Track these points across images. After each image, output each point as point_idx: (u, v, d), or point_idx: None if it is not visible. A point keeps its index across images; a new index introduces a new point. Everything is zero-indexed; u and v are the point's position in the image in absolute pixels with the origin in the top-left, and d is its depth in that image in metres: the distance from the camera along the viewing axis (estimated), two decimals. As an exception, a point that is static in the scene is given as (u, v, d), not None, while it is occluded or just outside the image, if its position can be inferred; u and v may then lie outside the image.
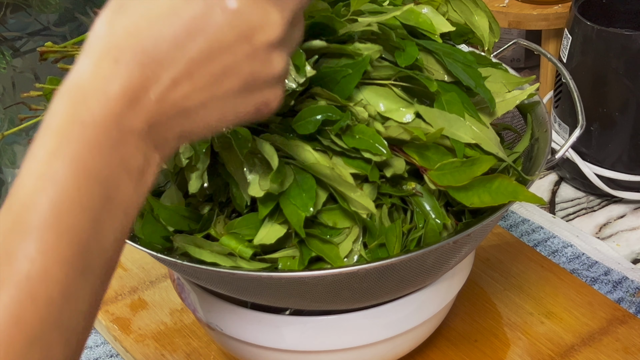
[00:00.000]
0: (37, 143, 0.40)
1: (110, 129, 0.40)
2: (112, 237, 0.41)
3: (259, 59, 0.43)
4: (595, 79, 0.91)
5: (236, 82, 0.43)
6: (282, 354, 0.68)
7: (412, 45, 0.60)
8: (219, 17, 0.41)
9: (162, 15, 0.41)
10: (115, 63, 0.40)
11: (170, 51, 0.41)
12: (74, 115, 0.40)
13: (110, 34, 0.41)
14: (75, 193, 0.39)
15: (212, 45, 0.41)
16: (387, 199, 0.62)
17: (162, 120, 0.42)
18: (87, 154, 0.40)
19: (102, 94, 0.40)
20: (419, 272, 0.62)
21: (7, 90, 1.48)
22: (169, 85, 0.41)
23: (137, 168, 0.42)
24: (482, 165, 0.59)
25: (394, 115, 0.60)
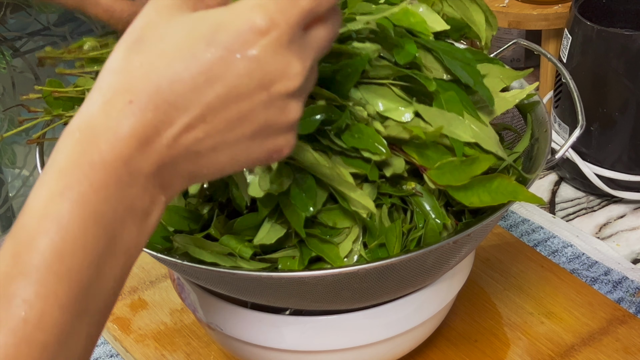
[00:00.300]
0: (43, 181, 0.40)
1: (118, 170, 0.39)
2: (112, 279, 0.40)
3: (275, 107, 0.42)
4: (595, 79, 0.91)
5: (250, 129, 0.42)
6: (282, 354, 0.68)
7: (411, 42, 0.60)
8: (239, 64, 0.40)
9: (181, 58, 0.40)
10: (129, 104, 0.39)
11: (187, 95, 0.40)
12: (82, 154, 0.39)
13: (125, 71, 0.40)
14: (79, 235, 0.39)
15: (230, 92, 0.40)
16: (387, 199, 0.62)
17: (171, 163, 0.41)
18: (93, 196, 0.39)
19: (113, 134, 0.39)
20: (419, 272, 0.62)
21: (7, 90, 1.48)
22: (182, 130, 0.40)
23: (143, 210, 0.41)
24: (482, 164, 0.59)
25: (393, 115, 0.60)
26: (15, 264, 0.38)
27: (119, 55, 0.41)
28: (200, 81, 0.40)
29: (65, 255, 0.38)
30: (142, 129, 0.39)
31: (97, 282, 0.40)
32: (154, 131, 0.40)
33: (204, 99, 0.40)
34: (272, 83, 0.41)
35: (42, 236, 0.38)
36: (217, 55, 0.39)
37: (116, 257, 0.40)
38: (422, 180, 0.62)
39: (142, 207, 0.41)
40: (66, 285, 0.38)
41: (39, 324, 0.37)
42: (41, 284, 0.38)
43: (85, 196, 0.39)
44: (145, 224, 0.42)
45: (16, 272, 0.38)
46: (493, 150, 0.61)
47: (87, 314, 0.39)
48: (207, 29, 0.40)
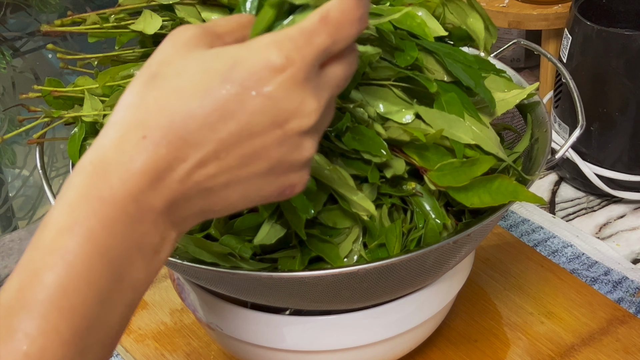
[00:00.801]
0: (52, 214, 0.39)
1: (128, 207, 0.39)
2: (117, 315, 0.40)
3: (289, 145, 0.41)
4: (595, 79, 0.91)
5: (263, 166, 0.41)
6: (282, 354, 0.68)
7: (412, 45, 0.60)
8: (254, 102, 0.40)
9: (196, 94, 0.39)
10: (142, 139, 0.39)
11: (200, 131, 0.39)
12: (92, 189, 0.39)
13: (140, 106, 0.40)
14: (85, 272, 0.38)
15: (244, 129, 0.40)
16: (387, 199, 0.62)
17: (183, 200, 0.41)
18: (101, 232, 0.38)
19: (125, 170, 0.39)
20: (419, 272, 0.62)
21: (7, 90, 1.48)
22: (195, 166, 0.40)
23: (152, 247, 0.41)
24: (482, 165, 0.59)
25: (393, 116, 0.60)
26: (20, 297, 0.38)
27: (135, 90, 0.41)
28: (214, 118, 0.39)
29: (70, 291, 0.38)
30: (155, 164, 0.39)
31: (102, 318, 0.39)
32: (167, 167, 0.39)
33: (217, 135, 0.40)
34: (287, 121, 0.40)
35: (48, 271, 0.38)
36: (231, 92, 0.39)
37: (122, 293, 0.40)
38: (422, 181, 0.62)
39: (151, 244, 0.40)
40: (69, 321, 0.38)
41: (40, 359, 0.37)
42: (44, 319, 0.37)
43: (93, 232, 0.38)
44: (154, 261, 0.41)
45: (20, 305, 0.38)
46: (493, 152, 0.61)
47: (91, 350, 0.39)
48: (222, 66, 0.40)
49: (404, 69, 0.60)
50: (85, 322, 0.38)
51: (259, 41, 0.40)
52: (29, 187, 1.59)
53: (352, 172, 0.59)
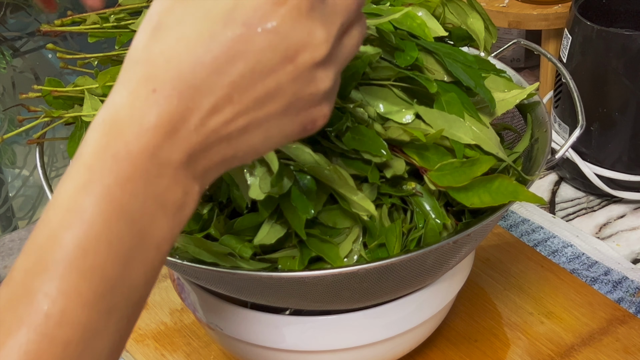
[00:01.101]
0: (67, 175, 0.39)
1: (145, 162, 0.38)
2: (142, 276, 0.39)
3: (303, 79, 0.40)
4: (595, 79, 0.91)
5: (280, 104, 0.40)
6: (282, 354, 0.68)
7: (412, 45, 0.60)
8: (260, 39, 0.39)
9: (201, 40, 0.38)
10: (152, 92, 0.38)
11: (210, 77, 0.39)
12: (107, 147, 0.38)
13: (146, 60, 0.39)
14: (104, 231, 0.38)
15: (254, 68, 0.39)
16: (387, 199, 0.62)
17: (202, 150, 0.40)
18: (118, 190, 0.38)
19: (139, 125, 0.38)
20: (419, 272, 0.62)
21: (7, 90, 1.48)
22: (209, 113, 0.39)
23: (175, 202, 0.40)
24: (482, 165, 0.59)
25: (393, 116, 0.60)
26: (38, 258, 0.37)
27: (139, 45, 0.40)
28: (222, 61, 0.38)
29: (89, 251, 0.37)
30: (168, 117, 0.38)
31: (125, 278, 0.38)
32: (181, 118, 0.39)
33: (228, 79, 0.39)
34: (297, 54, 0.39)
35: (65, 231, 0.37)
36: (236, 33, 0.38)
37: (145, 252, 0.39)
38: (422, 181, 0.62)
39: (173, 200, 0.40)
40: (90, 281, 0.37)
41: (61, 320, 0.37)
42: (63, 280, 0.37)
43: (110, 190, 0.38)
44: (178, 217, 0.40)
45: (39, 267, 0.37)
46: (493, 152, 0.61)
47: (116, 311, 0.38)
48: (224, 7, 0.39)
49: (403, 69, 0.60)
50: (108, 282, 0.38)
51: None
52: (29, 187, 1.59)
53: (352, 172, 0.59)
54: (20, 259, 0.38)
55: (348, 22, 0.42)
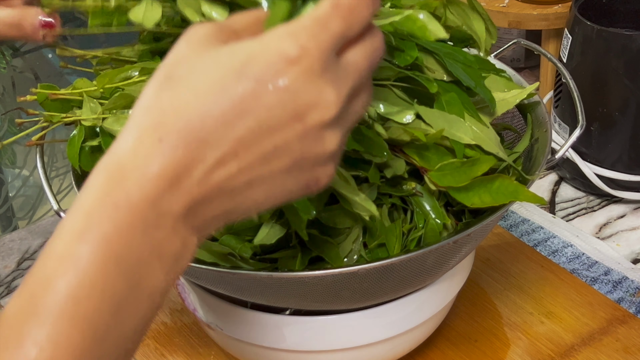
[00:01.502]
0: (66, 220, 0.38)
1: (145, 211, 0.38)
2: (133, 325, 0.39)
3: (310, 138, 0.40)
4: (595, 79, 0.91)
5: (285, 162, 0.40)
6: (282, 354, 0.68)
7: (412, 45, 0.60)
8: (271, 96, 0.38)
9: (211, 92, 0.38)
10: (158, 142, 0.38)
11: (218, 130, 0.38)
12: (108, 194, 0.38)
13: (155, 108, 0.39)
14: (98, 279, 0.37)
15: (262, 124, 0.38)
16: (387, 199, 0.62)
17: (203, 202, 0.39)
18: (116, 238, 0.37)
19: (142, 174, 0.38)
20: (419, 272, 0.62)
21: (7, 90, 1.48)
22: (214, 166, 0.38)
23: (172, 253, 0.39)
24: (482, 165, 0.59)
25: (394, 117, 0.60)
26: (30, 304, 0.37)
27: (150, 92, 0.40)
28: (231, 115, 0.38)
29: (82, 299, 0.37)
30: (172, 167, 0.38)
31: (116, 328, 0.38)
32: (184, 169, 0.38)
33: (235, 133, 0.38)
34: (306, 113, 0.39)
35: (59, 278, 0.37)
36: (248, 88, 0.38)
37: (138, 303, 0.39)
38: (422, 181, 0.62)
39: (171, 251, 0.39)
40: (81, 330, 0.37)
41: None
42: (54, 328, 0.36)
43: (108, 238, 0.37)
44: (174, 268, 0.40)
45: (30, 312, 0.37)
46: (494, 152, 0.61)
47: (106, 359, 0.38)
48: (237, 62, 0.39)
49: (403, 69, 0.60)
50: (98, 331, 0.37)
51: (272, 34, 0.39)
52: (29, 187, 1.59)
53: (352, 172, 0.59)
54: (13, 302, 0.38)
55: (358, 86, 0.42)
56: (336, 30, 0.39)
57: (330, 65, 0.39)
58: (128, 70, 0.64)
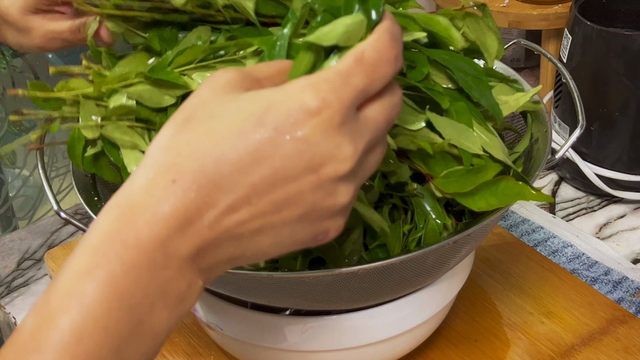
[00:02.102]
0: (74, 256, 0.38)
1: (154, 252, 0.38)
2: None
3: (323, 191, 0.40)
4: (595, 79, 0.91)
5: (297, 212, 0.40)
6: (282, 353, 0.68)
7: (424, 59, 0.60)
8: (288, 146, 0.38)
9: (228, 137, 0.38)
10: (172, 183, 0.38)
11: (232, 175, 0.38)
12: (117, 232, 0.38)
13: (171, 149, 0.39)
14: (102, 317, 0.37)
15: (277, 173, 0.39)
16: (387, 200, 0.62)
17: (212, 246, 0.39)
18: (122, 277, 0.37)
19: (153, 214, 0.38)
20: (419, 272, 0.62)
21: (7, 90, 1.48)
22: (225, 211, 0.39)
23: (177, 294, 0.39)
24: (489, 172, 0.59)
25: (404, 123, 0.59)
26: (33, 339, 0.37)
27: (168, 133, 0.40)
28: (246, 162, 0.38)
29: (85, 336, 0.37)
30: (184, 209, 0.38)
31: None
32: (196, 212, 0.38)
33: (249, 180, 0.38)
34: (322, 165, 0.39)
35: (64, 314, 0.37)
36: (265, 136, 0.38)
37: (141, 342, 0.39)
38: (423, 182, 0.62)
39: (176, 292, 0.39)
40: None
41: None
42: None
43: (114, 276, 0.37)
44: (178, 309, 0.40)
45: (32, 348, 0.37)
46: (502, 159, 0.61)
47: None
48: (257, 109, 0.39)
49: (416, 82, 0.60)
50: None
51: (294, 84, 0.39)
52: (29, 187, 1.59)
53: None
54: (15, 336, 0.38)
55: (375, 140, 0.42)
56: (358, 85, 0.40)
57: (349, 119, 0.40)
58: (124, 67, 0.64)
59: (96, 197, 0.67)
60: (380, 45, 0.40)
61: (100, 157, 0.65)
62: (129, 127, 0.62)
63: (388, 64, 0.41)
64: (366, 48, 0.40)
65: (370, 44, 0.40)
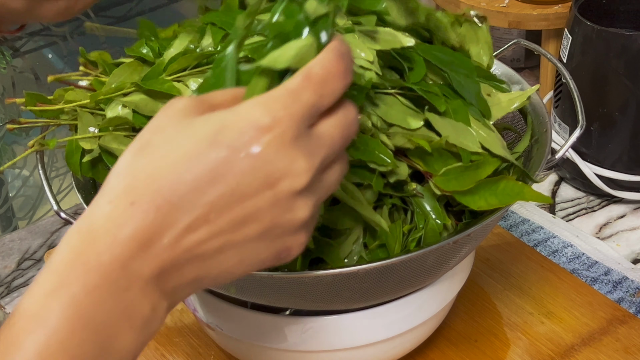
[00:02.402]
0: (38, 280, 0.39)
1: (115, 274, 0.38)
2: None
3: (281, 207, 0.41)
4: (595, 79, 0.91)
5: (256, 229, 0.41)
6: (282, 353, 0.68)
7: (420, 62, 0.60)
8: (243, 163, 0.39)
9: (184, 158, 0.39)
10: (130, 205, 0.39)
11: (189, 195, 0.39)
12: (78, 255, 0.39)
13: (129, 173, 0.40)
14: (66, 338, 0.37)
15: (233, 191, 0.39)
16: (387, 200, 0.62)
17: (174, 267, 0.40)
18: (84, 298, 0.38)
19: (112, 236, 0.38)
20: (419, 272, 0.62)
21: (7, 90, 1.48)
22: (184, 231, 0.39)
23: (141, 317, 0.40)
24: (487, 168, 0.59)
25: (401, 122, 0.60)
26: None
27: (125, 160, 0.41)
28: (203, 181, 0.39)
29: (50, 357, 0.37)
30: (143, 230, 0.39)
31: None
32: (155, 233, 0.39)
33: (206, 199, 0.39)
34: (277, 181, 0.40)
35: (27, 336, 0.37)
36: (220, 155, 0.39)
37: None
38: (422, 181, 0.62)
39: (140, 314, 0.40)
40: None
41: None
42: None
43: (76, 298, 0.38)
44: (144, 332, 0.40)
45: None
46: (501, 154, 0.61)
47: None
48: (210, 130, 0.40)
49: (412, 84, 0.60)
50: None
51: (245, 104, 0.40)
52: (29, 187, 1.59)
53: (356, 180, 0.59)
54: None
55: (331, 157, 0.42)
56: (308, 101, 0.40)
57: (302, 135, 0.40)
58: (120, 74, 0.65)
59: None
60: (327, 62, 0.41)
61: (97, 163, 0.65)
62: (125, 137, 0.62)
63: (336, 78, 0.41)
64: (313, 65, 0.41)
65: (317, 61, 0.41)
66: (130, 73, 0.65)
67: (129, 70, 0.65)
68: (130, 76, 0.64)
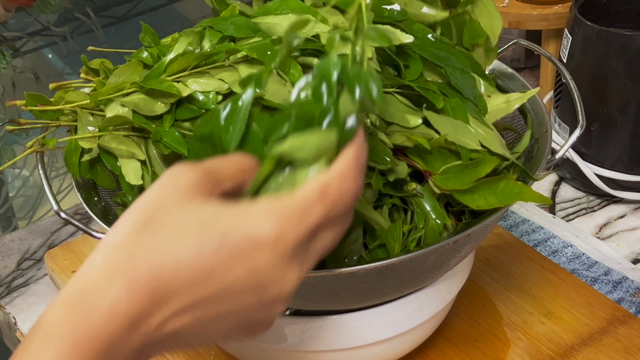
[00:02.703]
0: (25, 345, 0.40)
1: (100, 347, 0.39)
2: None
3: (262, 307, 0.43)
4: (595, 79, 0.91)
5: (234, 320, 0.43)
6: (282, 353, 0.68)
7: (417, 60, 0.60)
8: (241, 270, 0.41)
9: (188, 252, 0.40)
10: (129, 285, 0.40)
11: (184, 286, 0.41)
12: (68, 325, 0.39)
13: (131, 250, 0.41)
14: None
15: (225, 290, 0.41)
16: (387, 200, 0.62)
17: (154, 344, 0.42)
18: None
19: (108, 312, 0.40)
20: (419, 272, 0.63)
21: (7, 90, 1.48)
22: (172, 315, 0.41)
23: None
24: (486, 166, 0.59)
25: (399, 121, 0.60)
26: None
27: (127, 231, 0.41)
28: (200, 278, 0.41)
29: None
30: (135, 310, 0.40)
31: None
32: (146, 315, 0.40)
33: (198, 293, 0.41)
34: (267, 287, 0.42)
35: None
36: (222, 259, 0.41)
37: None
38: (422, 181, 0.62)
39: None
40: None
41: None
42: None
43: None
44: None
45: None
46: (500, 152, 0.61)
47: None
48: (217, 230, 0.41)
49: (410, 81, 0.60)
50: None
51: (257, 209, 0.42)
52: (29, 187, 1.59)
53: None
54: None
55: (322, 255, 0.45)
56: (317, 219, 0.42)
57: (302, 249, 0.43)
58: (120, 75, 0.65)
59: (96, 197, 0.67)
60: (346, 177, 0.43)
61: (96, 163, 0.65)
62: (125, 137, 0.62)
63: (349, 197, 0.43)
64: (331, 181, 0.42)
65: (336, 176, 0.42)
66: (131, 73, 0.65)
67: (129, 70, 0.65)
68: (130, 76, 0.65)
